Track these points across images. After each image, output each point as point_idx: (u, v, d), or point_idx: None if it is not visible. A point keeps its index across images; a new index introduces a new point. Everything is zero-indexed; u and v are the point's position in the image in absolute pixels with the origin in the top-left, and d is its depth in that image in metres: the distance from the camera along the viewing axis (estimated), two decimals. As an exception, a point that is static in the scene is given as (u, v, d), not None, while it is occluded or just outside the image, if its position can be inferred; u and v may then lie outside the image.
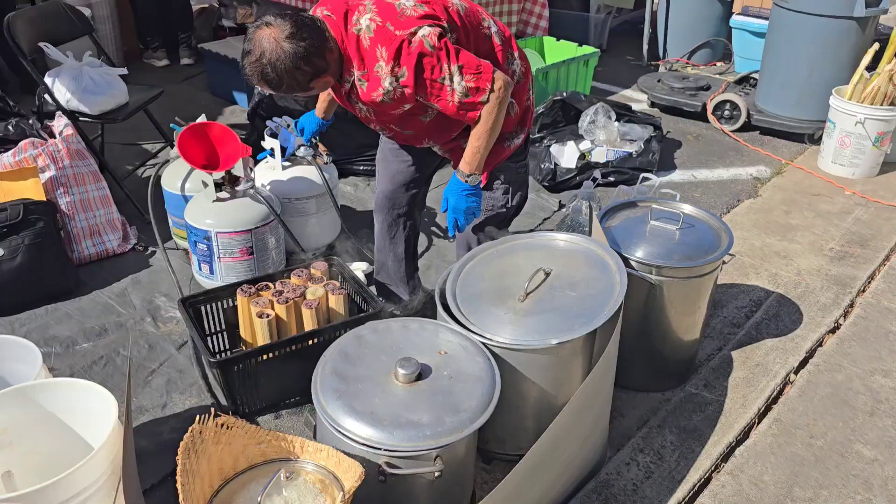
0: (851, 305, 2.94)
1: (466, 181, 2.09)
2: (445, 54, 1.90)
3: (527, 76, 2.24)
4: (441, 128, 2.15)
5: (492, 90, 1.94)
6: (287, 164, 3.05)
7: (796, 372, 2.57)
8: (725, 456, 2.21)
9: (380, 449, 1.62)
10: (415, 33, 1.88)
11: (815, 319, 2.83)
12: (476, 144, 2.04)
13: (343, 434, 1.65)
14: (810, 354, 2.66)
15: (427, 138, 2.24)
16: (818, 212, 3.64)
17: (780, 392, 2.48)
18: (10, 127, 3.03)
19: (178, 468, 1.49)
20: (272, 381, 2.31)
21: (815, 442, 2.27)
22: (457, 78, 1.92)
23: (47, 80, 3.34)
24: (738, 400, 2.41)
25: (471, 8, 2.09)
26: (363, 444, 1.63)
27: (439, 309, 2.01)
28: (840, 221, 3.55)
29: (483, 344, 1.91)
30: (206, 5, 6.02)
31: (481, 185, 2.23)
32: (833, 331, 2.80)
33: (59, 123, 3.15)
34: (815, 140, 4.30)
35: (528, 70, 2.25)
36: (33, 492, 1.49)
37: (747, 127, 4.51)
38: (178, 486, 1.46)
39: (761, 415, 2.37)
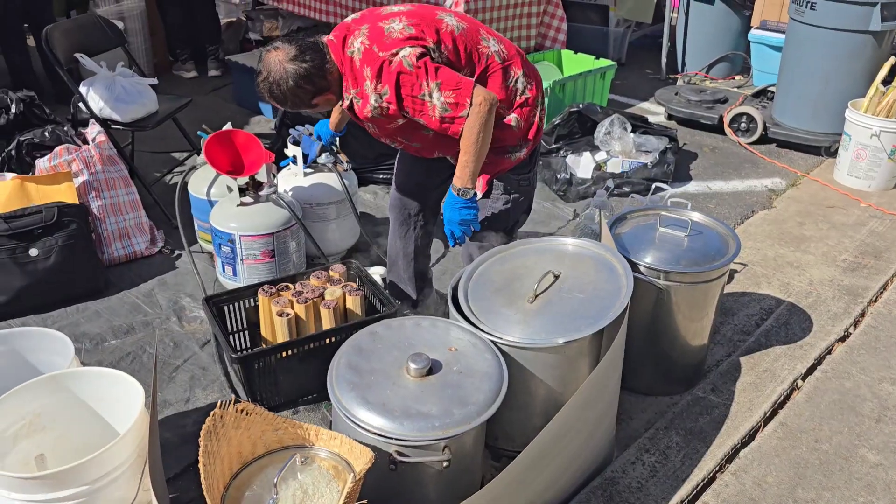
0: (862, 315, 2.97)
1: (459, 194, 2.17)
2: (424, 72, 2.03)
3: (534, 95, 2.28)
4: (446, 140, 2.21)
5: (471, 104, 2.04)
6: (309, 170, 3.15)
7: (804, 378, 2.61)
8: (730, 457, 2.25)
9: (391, 438, 1.70)
10: (396, 54, 2.04)
11: (825, 328, 2.87)
12: (463, 158, 2.12)
13: (356, 423, 1.73)
14: (819, 361, 2.70)
15: (436, 150, 2.33)
16: (832, 223, 3.67)
17: (788, 397, 2.52)
18: (46, 133, 3.17)
19: (201, 449, 1.58)
20: (290, 377, 2.39)
21: (820, 446, 2.30)
22: (436, 94, 2.04)
23: (82, 88, 3.49)
24: (744, 404, 2.46)
25: (469, 28, 2.20)
26: (375, 434, 1.71)
27: (451, 308, 2.09)
28: (854, 233, 3.58)
29: (492, 342, 1.98)
30: (234, 19, 6.19)
31: (481, 194, 2.31)
32: (843, 339, 2.83)
33: (93, 130, 3.29)
34: (831, 153, 4.32)
35: (538, 87, 2.31)
36: (64, 470, 1.59)
37: (764, 139, 4.54)
38: (200, 466, 1.55)
39: (767, 419, 2.42)
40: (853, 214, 3.77)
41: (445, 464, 1.73)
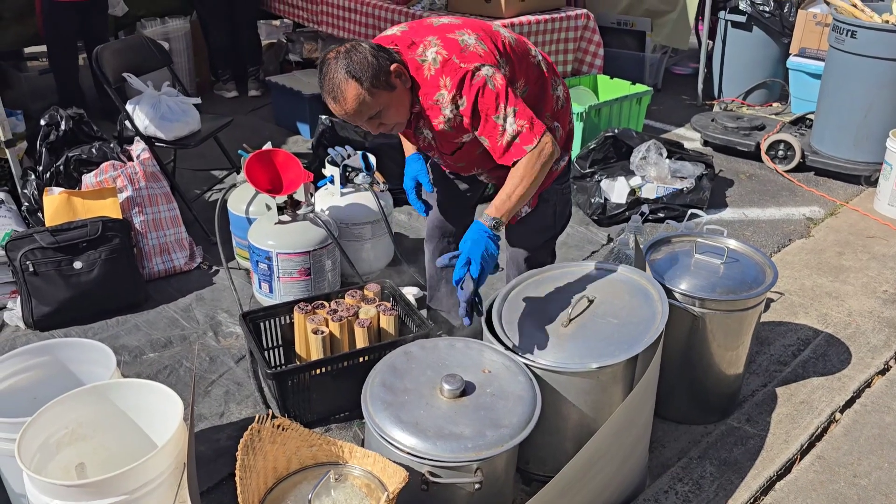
0: (903, 348, 2.91)
1: (491, 226, 1.98)
2: (504, 95, 1.99)
3: (567, 101, 2.36)
4: (487, 157, 2.19)
5: (538, 143, 2.00)
6: (346, 190, 3.20)
7: (842, 411, 2.56)
8: (765, 489, 2.22)
9: (423, 458, 1.71)
10: (479, 68, 1.99)
11: (864, 360, 2.81)
12: (509, 191, 2.00)
13: (389, 442, 1.75)
14: (857, 394, 2.64)
15: (477, 167, 2.35)
16: (873, 254, 3.61)
17: (825, 430, 2.48)
18: (93, 150, 3.27)
19: (238, 463, 1.61)
20: (324, 395, 2.42)
21: (858, 481, 2.26)
22: (510, 119, 1.99)
23: (128, 107, 3.59)
24: (780, 435, 2.42)
25: (519, 40, 2.22)
26: (408, 453, 1.72)
27: (485, 330, 2.10)
28: (895, 264, 3.52)
29: (526, 365, 1.98)
30: (275, 41, 6.33)
31: (530, 208, 2.32)
32: (882, 372, 2.77)
33: (137, 148, 3.38)
34: (872, 182, 4.26)
35: (569, 98, 2.38)
36: (105, 479, 1.62)
37: (802, 167, 4.50)
38: (237, 479, 1.58)
39: (804, 451, 2.37)
40: (894, 245, 3.70)
41: (477, 486, 1.73)
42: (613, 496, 2.04)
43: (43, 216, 3.09)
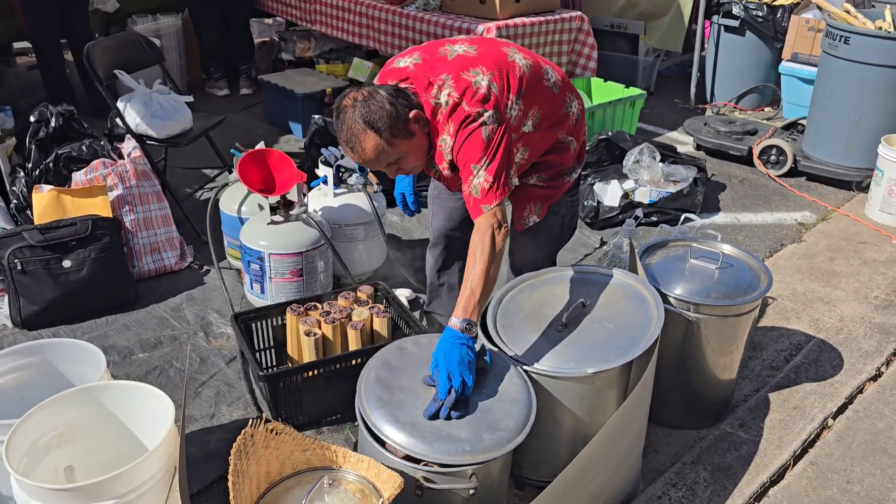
0: (895, 354, 2.92)
1: (463, 330, 1.82)
2: (490, 148, 1.93)
3: (582, 114, 2.33)
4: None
5: (492, 212, 1.93)
6: (339, 191, 3.18)
7: (835, 417, 2.56)
8: (759, 495, 2.22)
9: (419, 462, 1.69)
10: (480, 115, 1.94)
11: (856, 366, 2.82)
12: (472, 285, 1.87)
13: (385, 439, 1.72)
14: (850, 400, 2.65)
15: None
16: (864, 259, 3.63)
17: (818, 436, 2.48)
18: (83, 147, 3.23)
19: (231, 468, 1.58)
20: (316, 397, 2.40)
21: (851, 487, 2.26)
22: (482, 172, 1.93)
23: (119, 104, 3.56)
24: (773, 441, 2.42)
25: (533, 65, 2.14)
26: (403, 450, 1.70)
27: (480, 334, 2.08)
28: (886, 270, 3.53)
29: (521, 369, 1.97)
30: (267, 39, 6.30)
31: (539, 217, 2.29)
32: (875, 378, 2.78)
33: (128, 146, 3.35)
34: (863, 188, 4.28)
35: (583, 110, 2.35)
36: (95, 483, 1.60)
37: (794, 173, 4.51)
38: (230, 484, 1.56)
39: (797, 457, 2.37)
40: (885, 251, 3.72)
41: (472, 491, 1.72)
42: (608, 502, 2.03)
43: (32, 214, 3.05)
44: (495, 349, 2.01)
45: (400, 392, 1.85)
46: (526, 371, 1.96)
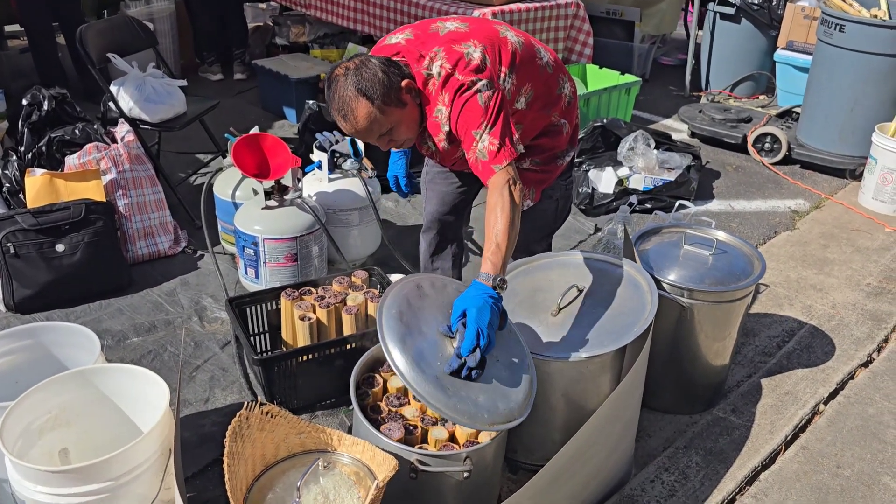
0: (886, 341, 2.94)
1: (494, 285, 1.78)
2: (489, 114, 1.92)
3: (575, 97, 2.32)
4: None
5: (504, 168, 1.91)
6: (334, 176, 3.17)
7: (826, 402, 2.58)
8: (750, 479, 2.24)
9: (437, 421, 1.69)
10: (475, 83, 1.94)
11: (847, 352, 2.84)
12: (498, 239, 1.83)
13: (400, 371, 1.67)
14: (841, 386, 2.67)
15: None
16: (857, 247, 3.64)
17: (809, 421, 2.50)
18: (76, 131, 3.21)
19: (226, 450, 1.59)
20: (310, 382, 2.40)
21: (842, 472, 2.28)
22: (485, 136, 1.92)
23: (112, 88, 3.53)
24: (765, 426, 2.44)
25: (526, 43, 2.15)
26: (427, 403, 1.65)
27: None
28: (879, 258, 3.55)
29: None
30: (261, 24, 6.25)
31: (533, 201, 2.29)
32: (866, 364, 2.80)
33: (122, 129, 3.33)
34: (856, 176, 4.30)
35: (576, 93, 2.34)
36: (90, 465, 1.60)
37: (788, 160, 4.52)
38: (225, 466, 1.56)
39: (788, 442, 2.40)
40: (878, 239, 3.73)
41: (466, 474, 1.72)
42: (601, 486, 2.05)
43: (24, 198, 3.03)
44: None
45: (420, 338, 1.75)
46: (520, 355, 1.96)
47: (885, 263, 3.49)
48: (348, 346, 2.37)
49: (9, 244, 2.82)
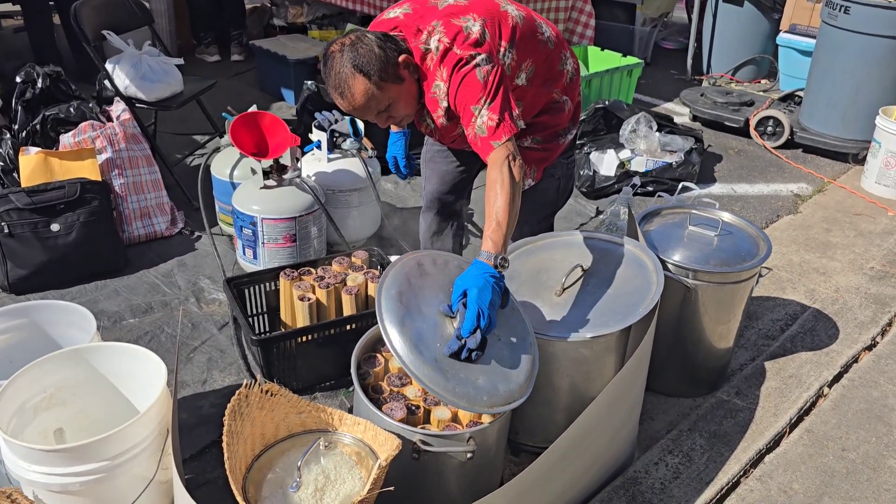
0: (890, 324, 2.92)
1: (495, 265, 1.74)
2: (488, 89, 1.88)
3: (577, 73, 2.28)
4: None
5: (504, 145, 1.86)
6: (333, 156, 3.13)
7: (830, 385, 2.56)
8: (755, 462, 2.21)
9: (438, 404, 1.66)
10: (473, 57, 1.89)
11: (851, 336, 2.82)
12: (499, 217, 1.79)
13: (396, 351, 1.65)
14: (845, 369, 2.65)
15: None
16: (859, 231, 3.62)
17: (813, 404, 2.48)
18: (71, 109, 3.16)
19: (225, 429, 1.56)
20: (309, 363, 2.37)
21: (847, 455, 2.26)
22: (484, 111, 1.88)
23: (108, 66, 3.47)
24: (769, 409, 2.42)
25: (527, 17, 2.11)
26: (425, 385, 1.64)
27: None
28: (882, 241, 3.52)
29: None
30: (259, 4, 6.18)
31: (535, 180, 2.25)
32: (870, 348, 2.78)
33: (117, 108, 3.28)
34: (859, 160, 4.26)
35: (578, 69, 2.30)
36: (86, 445, 1.57)
37: (790, 144, 4.48)
38: (224, 445, 1.53)
39: (793, 425, 2.37)
40: (881, 223, 3.71)
41: (469, 455, 1.70)
42: (604, 468, 2.03)
43: (19, 176, 2.98)
44: None
45: (420, 319, 1.72)
46: (524, 335, 1.93)
47: (888, 247, 3.47)
48: (348, 327, 2.34)
49: (3, 223, 2.78)
